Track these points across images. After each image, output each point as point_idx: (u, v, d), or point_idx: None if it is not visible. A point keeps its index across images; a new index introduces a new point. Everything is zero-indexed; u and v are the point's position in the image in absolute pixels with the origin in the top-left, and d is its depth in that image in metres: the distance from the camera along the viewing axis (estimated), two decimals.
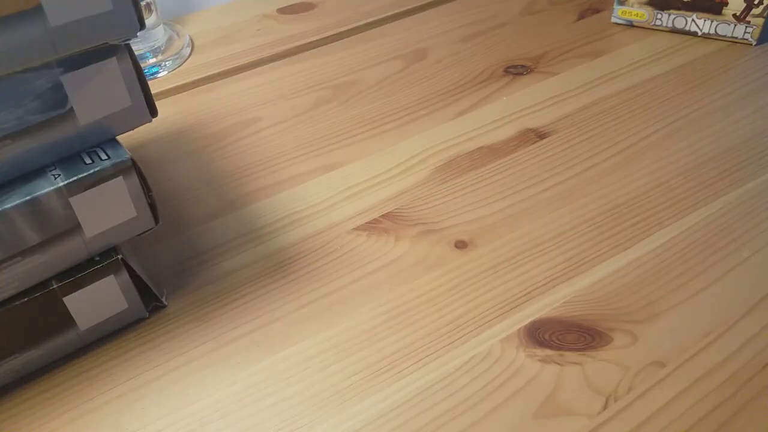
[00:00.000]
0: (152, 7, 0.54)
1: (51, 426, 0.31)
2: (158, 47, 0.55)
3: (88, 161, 0.29)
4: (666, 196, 0.42)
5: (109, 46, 0.27)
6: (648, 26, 0.56)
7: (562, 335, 0.34)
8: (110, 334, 0.35)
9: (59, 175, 0.29)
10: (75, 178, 0.29)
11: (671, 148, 0.45)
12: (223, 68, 0.55)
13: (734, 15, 0.53)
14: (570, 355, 0.33)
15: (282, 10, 0.62)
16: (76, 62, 0.27)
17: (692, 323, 0.35)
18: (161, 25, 0.56)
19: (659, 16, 0.55)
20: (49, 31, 0.25)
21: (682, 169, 0.44)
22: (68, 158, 0.29)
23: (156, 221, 0.33)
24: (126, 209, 0.31)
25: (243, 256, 0.39)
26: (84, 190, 0.29)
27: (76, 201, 0.29)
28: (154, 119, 0.31)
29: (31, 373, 0.33)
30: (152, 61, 0.54)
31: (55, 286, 0.31)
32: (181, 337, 0.35)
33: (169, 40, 0.56)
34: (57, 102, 0.27)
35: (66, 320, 0.32)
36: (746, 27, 0.53)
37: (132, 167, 0.30)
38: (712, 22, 0.54)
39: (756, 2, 0.51)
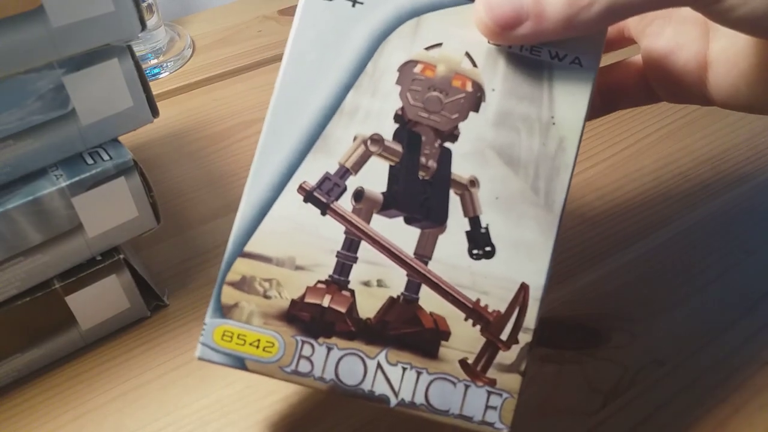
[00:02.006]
0: (153, 9, 0.54)
1: (52, 425, 0.31)
2: (159, 48, 0.55)
3: (90, 161, 0.29)
4: (665, 196, 0.42)
5: (111, 47, 0.28)
6: None
7: (561, 334, 0.34)
8: (112, 334, 0.35)
9: (61, 175, 0.29)
10: (77, 178, 0.29)
11: (670, 148, 0.45)
12: (224, 69, 0.55)
13: None
14: (569, 354, 0.33)
15: (283, 12, 0.63)
16: (78, 63, 0.27)
17: (691, 322, 0.35)
18: (162, 26, 0.56)
19: None
20: (50, 32, 0.25)
21: (680, 169, 0.44)
22: (70, 158, 0.29)
23: (157, 221, 0.33)
24: (128, 209, 0.31)
25: None
26: (86, 191, 0.29)
27: (78, 201, 0.29)
28: (155, 120, 0.31)
29: (33, 372, 0.33)
30: (154, 62, 0.54)
31: (57, 285, 0.31)
32: (182, 336, 0.35)
33: (171, 41, 0.57)
34: (59, 103, 0.27)
35: (68, 320, 0.32)
36: None
37: (134, 167, 0.30)
38: None
39: None
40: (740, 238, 0.39)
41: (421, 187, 0.23)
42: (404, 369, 0.22)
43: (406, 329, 0.22)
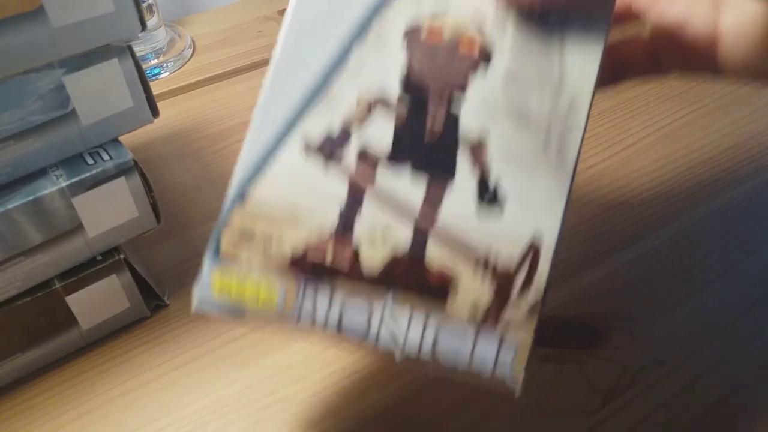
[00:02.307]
0: (154, 9, 0.54)
1: (52, 425, 0.31)
2: (160, 48, 0.55)
3: (91, 162, 0.30)
4: (664, 196, 0.42)
5: (111, 47, 0.28)
6: None
7: (561, 334, 0.34)
8: (112, 333, 0.35)
9: (62, 175, 0.29)
10: (77, 178, 0.29)
11: (670, 148, 0.45)
12: (224, 69, 0.55)
13: None
14: (569, 354, 0.33)
15: (283, 12, 0.63)
16: (78, 63, 0.27)
17: (691, 322, 0.35)
18: (163, 26, 0.56)
19: None
20: (51, 32, 0.25)
21: (680, 169, 0.44)
22: (70, 159, 0.30)
23: (158, 221, 0.33)
24: (128, 209, 0.31)
25: None
26: (86, 191, 0.29)
27: (78, 201, 0.29)
28: (155, 120, 0.31)
29: (33, 372, 0.33)
30: (154, 62, 0.54)
31: (57, 285, 0.31)
32: (182, 336, 0.35)
33: (171, 41, 0.57)
34: (59, 103, 0.27)
35: (68, 320, 0.32)
36: None
37: (134, 167, 0.30)
38: None
39: None
40: (740, 238, 0.39)
41: (427, 147, 0.23)
42: (410, 322, 0.22)
43: (412, 283, 0.22)
